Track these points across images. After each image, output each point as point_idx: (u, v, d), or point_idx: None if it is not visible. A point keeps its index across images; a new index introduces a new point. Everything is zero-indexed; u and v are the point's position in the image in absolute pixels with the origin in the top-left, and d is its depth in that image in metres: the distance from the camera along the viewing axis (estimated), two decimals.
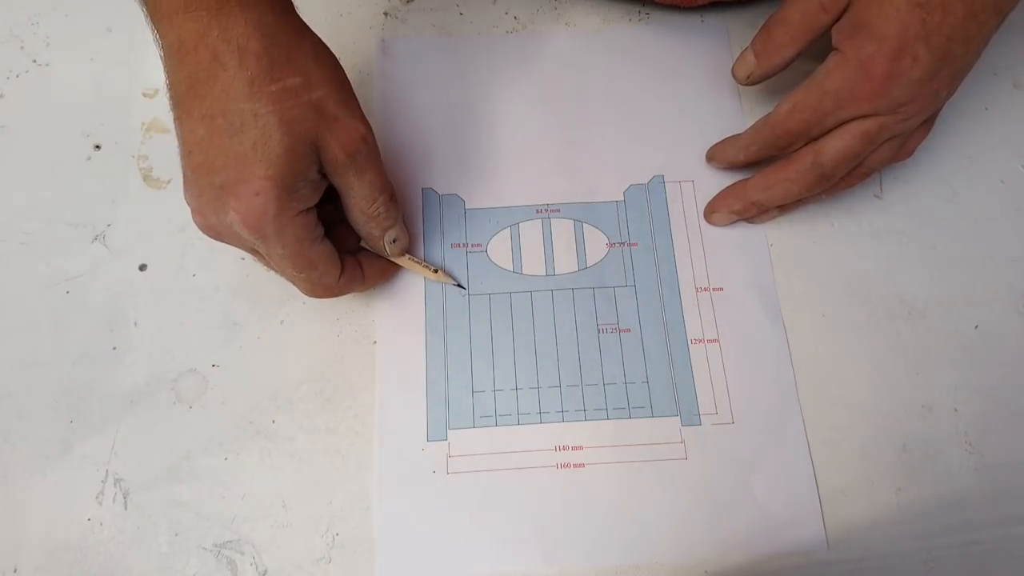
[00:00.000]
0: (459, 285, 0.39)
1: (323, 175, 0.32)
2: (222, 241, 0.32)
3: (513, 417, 0.37)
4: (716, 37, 0.44)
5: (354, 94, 0.33)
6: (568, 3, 0.46)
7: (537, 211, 0.41)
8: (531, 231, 0.40)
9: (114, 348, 0.38)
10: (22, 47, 0.44)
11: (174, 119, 0.31)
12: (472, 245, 0.40)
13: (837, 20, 0.34)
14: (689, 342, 0.38)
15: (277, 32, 0.30)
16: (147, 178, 0.41)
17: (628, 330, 0.38)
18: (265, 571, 0.35)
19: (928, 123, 0.37)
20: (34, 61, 0.44)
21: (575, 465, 0.36)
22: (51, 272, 0.39)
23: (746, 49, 0.37)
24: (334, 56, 0.33)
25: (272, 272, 0.35)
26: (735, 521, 0.35)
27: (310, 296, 0.35)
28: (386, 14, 0.45)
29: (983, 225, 0.41)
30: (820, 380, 0.38)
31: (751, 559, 0.35)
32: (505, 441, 0.37)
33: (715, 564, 0.35)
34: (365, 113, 0.43)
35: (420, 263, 0.38)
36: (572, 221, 0.41)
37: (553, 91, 0.43)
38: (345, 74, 0.33)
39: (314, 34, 0.32)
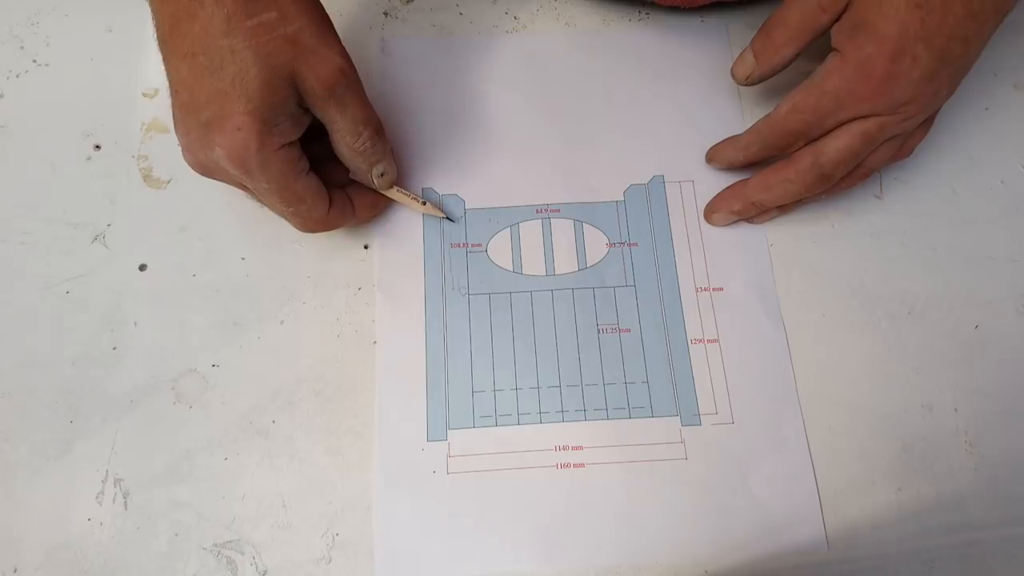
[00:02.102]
0: (448, 218, 0.39)
1: (304, 109, 0.32)
2: (212, 177, 0.33)
3: (513, 417, 0.37)
4: (716, 37, 0.44)
5: (333, 28, 0.33)
6: (568, 3, 0.46)
7: (537, 211, 0.41)
8: (531, 231, 0.40)
9: (114, 348, 0.38)
10: (22, 47, 0.44)
11: (162, 59, 0.32)
12: (472, 245, 0.40)
13: (836, 20, 0.34)
14: (689, 342, 0.38)
15: None
16: (147, 178, 0.41)
17: (628, 330, 0.38)
18: (265, 571, 0.35)
19: (928, 123, 0.37)
20: (34, 61, 0.44)
21: (575, 465, 0.36)
22: (51, 272, 0.39)
23: (746, 49, 0.37)
24: None
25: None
26: (735, 521, 0.35)
27: (303, 231, 0.36)
28: (386, 14, 0.45)
29: (983, 225, 0.41)
30: (820, 380, 0.38)
31: (751, 559, 0.35)
32: (505, 441, 0.37)
33: (715, 564, 0.35)
34: None
35: (409, 195, 0.38)
36: (572, 221, 0.41)
37: (553, 91, 0.43)
38: (323, 8, 0.33)
39: None
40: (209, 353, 0.38)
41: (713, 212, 0.40)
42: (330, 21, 0.33)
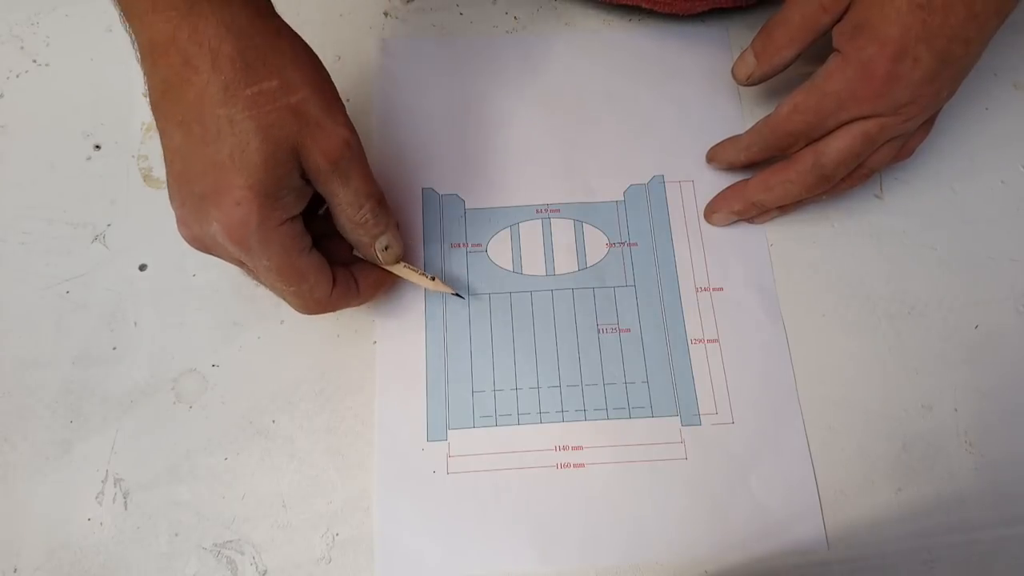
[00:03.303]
0: (457, 294, 0.38)
1: (307, 181, 0.30)
2: (208, 253, 0.31)
3: (513, 417, 0.37)
4: (716, 38, 0.44)
5: (338, 96, 0.31)
6: (568, 3, 0.46)
7: (537, 211, 0.41)
8: (531, 231, 0.40)
9: (114, 348, 0.38)
10: (22, 47, 0.44)
11: (155, 123, 0.30)
12: (472, 245, 0.40)
13: (838, 21, 0.34)
14: (689, 342, 0.38)
15: (252, 33, 0.28)
16: (147, 178, 0.41)
17: (628, 330, 0.38)
18: (265, 571, 0.35)
19: (929, 123, 0.37)
20: (34, 61, 0.44)
21: (575, 465, 0.36)
22: (51, 272, 0.39)
23: (746, 50, 0.37)
24: (315, 56, 0.31)
25: (263, 287, 0.33)
26: (735, 521, 0.35)
27: (302, 312, 0.33)
28: (386, 14, 0.45)
29: (983, 225, 0.41)
30: (820, 380, 0.38)
31: (751, 559, 0.35)
32: (505, 441, 0.37)
33: (715, 564, 0.35)
34: (365, 113, 0.43)
35: (416, 271, 0.36)
36: (572, 221, 0.41)
37: (553, 91, 0.43)
38: (328, 75, 0.31)
39: (293, 33, 0.31)
40: (209, 353, 0.38)
41: (713, 212, 0.40)
42: (334, 87, 0.32)
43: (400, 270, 0.36)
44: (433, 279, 0.36)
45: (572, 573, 0.35)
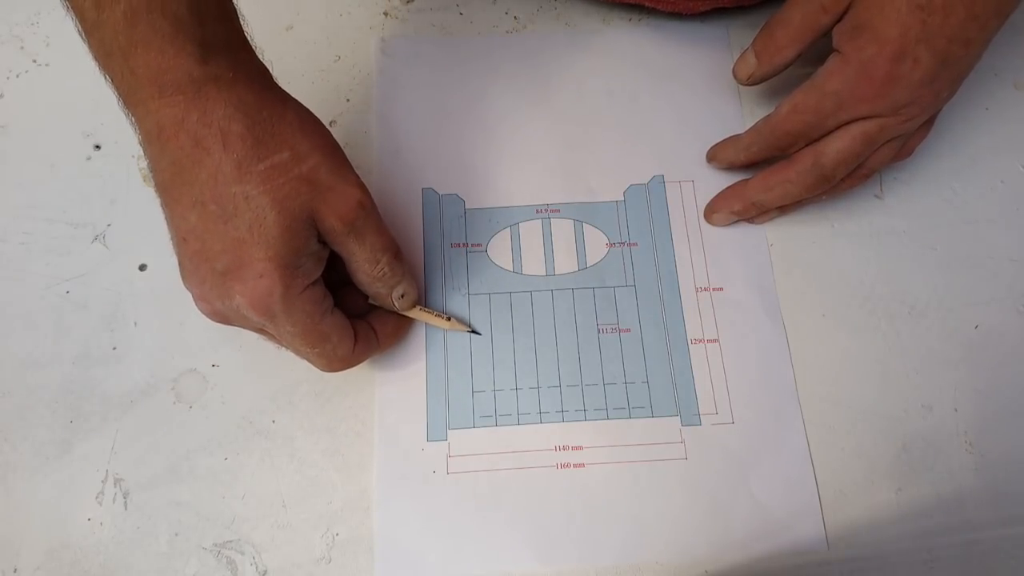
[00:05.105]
0: (473, 331, 0.38)
1: (323, 244, 0.31)
2: (229, 324, 0.32)
3: (513, 417, 0.37)
4: (716, 37, 0.44)
5: (345, 157, 0.32)
6: (568, 3, 0.46)
7: (537, 211, 0.41)
8: (531, 231, 0.40)
9: (114, 348, 0.38)
10: (22, 47, 0.44)
11: (162, 204, 0.30)
12: (472, 245, 0.40)
13: (838, 21, 0.34)
14: (689, 342, 0.38)
15: (259, 108, 0.29)
16: (147, 178, 0.41)
17: (628, 330, 0.38)
18: (265, 571, 0.35)
19: (928, 124, 0.37)
20: (34, 61, 0.44)
21: (575, 465, 0.36)
22: (51, 272, 0.39)
23: (747, 49, 0.37)
24: (319, 121, 0.32)
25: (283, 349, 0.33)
26: (735, 521, 0.35)
27: (326, 370, 0.34)
28: (386, 14, 0.45)
29: (983, 225, 0.41)
30: (820, 380, 0.38)
31: (751, 559, 0.35)
32: (505, 441, 0.37)
33: (715, 564, 0.35)
34: (365, 113, 0.43)
35: (432, 313, 0.37)
36: (572, 221, 0.41)
37: (553, 91, 0.43)
38: (333, 138, 0.32)
39: (296, 102, 0.31)
40: (209, 353, 0.38)
41: (713, 212, 0.40)
42: (341, 149, 0.32)
43: (416, 314, 0.36)
44: (449, 319, 0.37)
45: (572, 573, 0.35)
